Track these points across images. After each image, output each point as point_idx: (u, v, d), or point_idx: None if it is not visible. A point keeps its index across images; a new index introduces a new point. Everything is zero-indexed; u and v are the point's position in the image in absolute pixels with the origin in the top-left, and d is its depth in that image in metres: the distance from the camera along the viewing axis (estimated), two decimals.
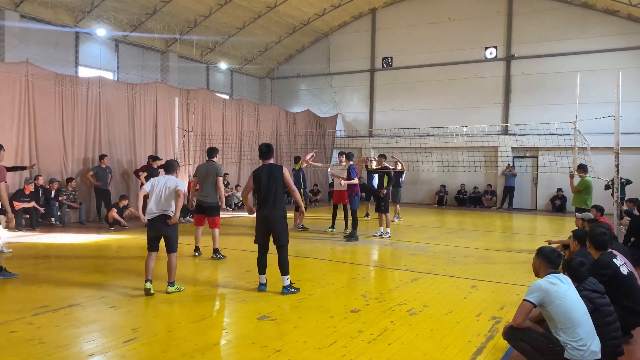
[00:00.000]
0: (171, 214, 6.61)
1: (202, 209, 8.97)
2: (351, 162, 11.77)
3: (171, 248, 6.69)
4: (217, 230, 8.95)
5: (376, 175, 12.50)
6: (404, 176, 15.49)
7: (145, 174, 13.77)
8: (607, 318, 4.24)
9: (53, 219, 12.82)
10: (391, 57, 23.20)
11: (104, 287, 6.85)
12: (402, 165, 15.08)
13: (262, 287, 6.80)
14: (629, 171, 15.91)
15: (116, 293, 6.53)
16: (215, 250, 8.92)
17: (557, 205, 19.40)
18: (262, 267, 6.82)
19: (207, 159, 9.19)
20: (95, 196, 13.78)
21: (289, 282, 6.69)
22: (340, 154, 12.50)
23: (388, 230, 12.01)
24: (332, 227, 12.77)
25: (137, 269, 7.74)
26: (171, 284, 6.66)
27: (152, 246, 6.74)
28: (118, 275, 7.51)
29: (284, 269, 6.66)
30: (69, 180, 13.28)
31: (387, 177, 12.09)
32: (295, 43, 24.50)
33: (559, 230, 13.92)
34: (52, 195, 12.88)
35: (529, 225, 15.72)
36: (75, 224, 13.35)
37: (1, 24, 14.68)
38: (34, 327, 5.16)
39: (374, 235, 11.95)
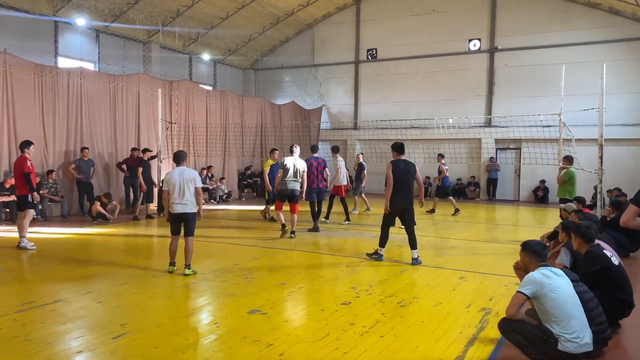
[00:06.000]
0: (193, 209, 7.08)
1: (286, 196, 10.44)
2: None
3: (189, 232, 7.11)
4: (295, 216, 10.44)
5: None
6: (365, 171, 15.25)
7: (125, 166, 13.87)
8: (588, 304, 4.26)
9: (34, 213, 12.54)
10: (376, 49, 23.15)
11: (90, 282, 6.73)
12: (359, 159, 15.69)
13: (380, 258, 8.23)
14: (611, 163, 16.09)
15: (102, 288, 6.41)
16: (293, 232, 10.37)
17: (540, 196, 19.63)
18: (385, 241, 8.27)
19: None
20: (78, 189, 13.53)
21: (417, 255, 8.06)
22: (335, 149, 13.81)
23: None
24: (327, 217, 13.04)
25: (122, 263, 7.63)
26: (188, 266, 7.06)
27: (174, 229, 7.21)
28: (104, 270, 7.38)
29: (413, 244, 8.09)
30: (50, 172, 13.00)
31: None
32: (279, 34, 24.29)
33: (542, 221, 14.09)
34: None
35: (512, 217, 15.89)
36: (57, 217, 13.10)
37: None
38: (19, 323, 5.04)
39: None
